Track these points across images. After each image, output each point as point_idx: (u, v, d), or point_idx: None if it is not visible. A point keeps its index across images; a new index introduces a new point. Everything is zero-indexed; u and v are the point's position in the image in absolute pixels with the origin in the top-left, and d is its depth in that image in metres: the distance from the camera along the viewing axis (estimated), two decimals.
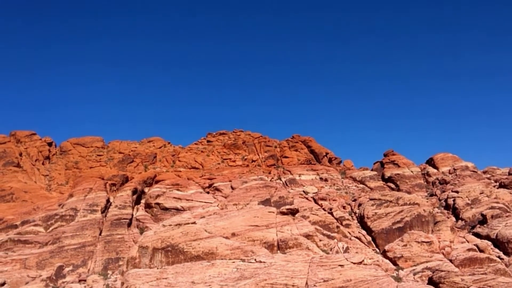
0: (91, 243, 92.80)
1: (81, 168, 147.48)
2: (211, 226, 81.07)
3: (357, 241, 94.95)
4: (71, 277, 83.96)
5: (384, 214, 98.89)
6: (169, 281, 67.15)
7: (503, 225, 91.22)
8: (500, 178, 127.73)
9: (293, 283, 63.79)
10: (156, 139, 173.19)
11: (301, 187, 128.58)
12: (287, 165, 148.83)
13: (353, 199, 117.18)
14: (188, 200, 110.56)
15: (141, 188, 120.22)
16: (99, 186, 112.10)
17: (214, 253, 73.12)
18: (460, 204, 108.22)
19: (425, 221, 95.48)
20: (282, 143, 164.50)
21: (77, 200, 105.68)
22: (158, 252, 74.53)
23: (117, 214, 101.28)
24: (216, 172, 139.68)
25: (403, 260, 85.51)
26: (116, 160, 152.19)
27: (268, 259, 70.36)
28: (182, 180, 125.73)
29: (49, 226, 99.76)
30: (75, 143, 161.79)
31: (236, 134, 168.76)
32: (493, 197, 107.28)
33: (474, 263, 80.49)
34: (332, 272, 64.32)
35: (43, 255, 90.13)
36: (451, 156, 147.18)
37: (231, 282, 65.56)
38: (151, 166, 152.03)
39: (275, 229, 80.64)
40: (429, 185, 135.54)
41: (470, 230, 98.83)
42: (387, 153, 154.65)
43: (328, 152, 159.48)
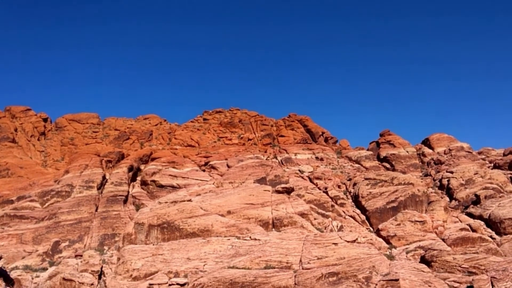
0: (87, 219, 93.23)
1: (76, 144, 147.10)
2: (206, 203, 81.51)
3: (351, 220, 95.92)
4: (68, 252, 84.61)
5: (378, 194, 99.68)
6: (165, 257, 67.86)
7: (496, 205, 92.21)
8: (495, 159, 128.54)
9: (287, 260, 64.63)
10: (152, 117, 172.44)
11: (297, 166, 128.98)
12: (283, 144, 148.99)
13: (348, 179, 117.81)
14: (184, 177, 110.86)
15: (137, 165, 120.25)
16: (95, 162, 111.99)
17: (209, 230, 73.76)
18: (454, 184, 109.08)
19: (419, 201, 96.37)
20: (279, 122, 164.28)
21: (73, 177, 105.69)
22: (154, 228, 75.05)
23: (113, 190, 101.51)
24: (212, 150, 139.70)
25: (396, 239, 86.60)
26: (112, 137, 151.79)
27: (263, 236, 71.05)
28: (178, 158, 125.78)
29: (45, 202, 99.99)
30: (71, 119, 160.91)
31: (233, 112, 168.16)
32: (487, 177, 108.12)
33: (467, 242, 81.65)
34: (326, 250, 65.14)
35: (39, 230, 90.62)
36: (446, 136, 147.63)
37: (226, 258, 66.33)
38: (147, 143, 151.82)
39: (270, 207, 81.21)
40: (424, 165, 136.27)
41: (464, 210, 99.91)
42: (383, 133, 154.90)
43: (324, 132, 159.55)
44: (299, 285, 60.33)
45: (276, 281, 60.34)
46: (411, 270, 64.65)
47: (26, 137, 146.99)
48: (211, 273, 61.99)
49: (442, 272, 71.56)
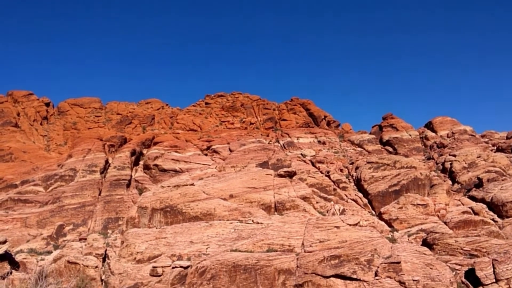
0: (90, 203, 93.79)
1: (79, 129, 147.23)
2: (209, 187, 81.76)
3: (353, 203, 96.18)
4: (72, 235, 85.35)
5: (381, 177, 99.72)
6: (168, 240, 68.37)
7: (498, 188, 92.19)
8: (498, 142, 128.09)
9: (289, 244, 65.02)
10: (154, 101, 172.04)
11: (299, 150, 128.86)
12: (286, 128, 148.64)
13: (351, 162, 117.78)
14: (186, 162, 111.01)
15: (140, 149, 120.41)
16: (97, 147, 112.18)
17: (212, 214, 74.13)
18: (457, 167, 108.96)
19: (422, 184, 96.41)
20: (281, 105, 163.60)
21: (76, 161, 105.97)
22: (157, 212, 75.48)
23: (116, 175, 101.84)
24: (214, 134, 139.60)
25: (398, 222, 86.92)
26: (114, 121, 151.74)
27: (265, 220, 71.41)
28: (180, 142, 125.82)
29: (49, 186, 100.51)
30: (73, 103, 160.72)
31: (235, 96, 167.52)
32: (490, 161, 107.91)
33: (469, 225, 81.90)
34: (328, 233, 65.46)
35: (43, 214, 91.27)
36: (449, 120, 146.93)
37: (229, 242, 66.79)
38: (149, 127, 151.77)
39: (273, 191, 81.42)
40: (427, 148, 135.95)
41: (466, 193, 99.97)
42: (386, 116, 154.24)
43: (326, 115, 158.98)
44: (301, 268, 60.82)
45: (278, 264, 60.83)
46: (413, 253, 64.99)
47: (28, 122, 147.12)
48: (214, 256, 62.49)
49: (444, 255, 71.97)
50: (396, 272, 58.74)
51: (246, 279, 59.92)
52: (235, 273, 60.18)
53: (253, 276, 60.20)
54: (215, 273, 60.64)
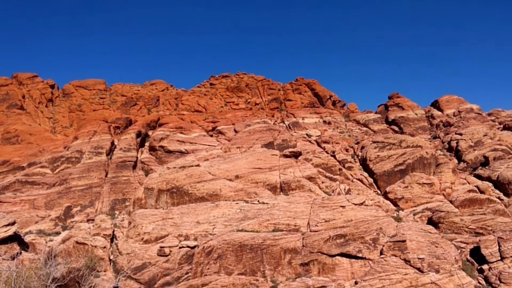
0: (97, 185, 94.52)
1: (84, 111, 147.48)
2: (214, 168, 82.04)
3: (358, 183, 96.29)
4: (80, 216, 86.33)
5: (386, 157, 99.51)
6: (175, 221, 69.01)
7: (504, 166, 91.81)
8: (504, 120, 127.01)
9: (295, 223, 65.46)
10: (158, 82, 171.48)
11: (304, 130, 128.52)
12: (291, 108, 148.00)
13: (356, 142, 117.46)
14: (191, 143, 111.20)
15: (145, 131, 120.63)
16: (103, 129, 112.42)
17: (218, 195, 74.58)
18: (463, 146, 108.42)
19: (427, 163, 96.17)
20: (286, 86, 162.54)
21: (82, 143, 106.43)
22: (163, 193, 76.00)
23: (122, 156, 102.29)
24: (219, 115, 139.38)
25: (403, 201, 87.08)
26: (119, 103, 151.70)
27: (271, 200, 71.78)
28: (185, 123, 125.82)
29: (56, 168, 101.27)
30: (78, 85, 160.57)
31: (239, 76, 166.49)
32: (497, 139, 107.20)
33: (474, 203, 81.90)
34: (334, 213, 65.76)
35: (51, 196, 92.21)
36: (456, 98, 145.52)
37: (235, 222, 67.34)
38: (154, 109, 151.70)
39: (278, 171, 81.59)
40: (433, 127, 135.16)
41: (472, 172, 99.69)
42: (392, 95, 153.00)
43: (332, 95, 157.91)
44: (306, 247, 61.35)
45: (284, 243, 61.39)
46: (418, 231, 65.25)
47: (34, 104, 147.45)
48: (221, 236, 63.10)
49: (449, 233, 72.25)
50: (401, 251, 59.14)
51: (252, 258, 60.60)
52: (241, 252, 60.85)
53: (259, 256, 60.87)
54: (222, 252, 61.36)
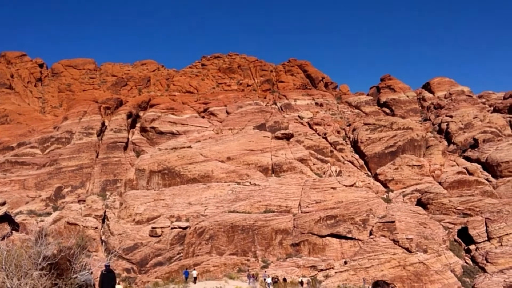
0: (88, 165, 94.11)
1: (74, 90, 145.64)
2: (206, 150, 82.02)
3: (350, 165, 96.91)
4: (70, 197, 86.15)
5: (377, 139, 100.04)
6: (167, 202, 69.20)
7: (494, 148, 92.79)
8: (495, 102, 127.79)
9: (286, 205, 66.00)
10: (149, 62, 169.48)
11: (296, 112, 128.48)
12: (283, 89, 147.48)
13: (348, 124, 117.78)
14: (183, 124, 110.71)
15: (136, 112, 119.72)
16: (93, 109, 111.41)
17: (209, 176, 74.74)
18: (453, 128, 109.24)
19: (418, 145, 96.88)
20: (278, 67, 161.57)
21: (72, 123, 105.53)
22: (155, 174, 75.97)
23: (113, 137, 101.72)
24: (211, 96, 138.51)
25: (393, 182, 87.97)
26: (109, 83, 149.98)
27: (262, 182, 72.15)
28: (177, 104, 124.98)
29: (46, 148, 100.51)
30: (67, 65, 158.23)
31: (231, 57, 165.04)
32: (486, 121, 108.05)
33: (463, 185, 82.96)
34: (325, 194, 66.35)
35: (41, 176, 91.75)
36: (447, 80, 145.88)
37: (227, 203, 67.71)
38: (145, 89, 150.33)
39: (270, 153, 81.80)
40: (424, 109, 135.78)
41: (461, 153, 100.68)
42: (384, 77, 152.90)
43: (324, 77, 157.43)
44: (297, 228, 62.03)
45: (275, 224, 61.99)
46: (407, 212, 66.17)
47: (22, 83, 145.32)
48: (212, 217, 63.50)
49: (438, 214, 73.37)
50: (390, 231, 60.02)
51: (244, 239, 61.18)
52: (233, 233, 61.37)
53: (250, 236, 61.47)
54: (214, 233, 61.84)
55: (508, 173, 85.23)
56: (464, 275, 59.40)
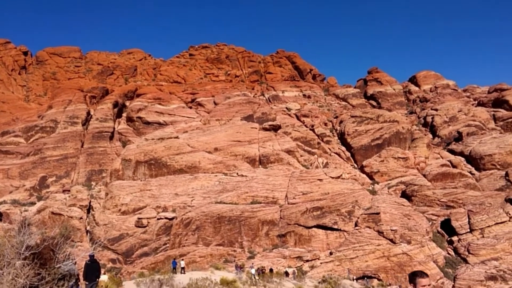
0: (73, 155, 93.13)
1: (59, 79, 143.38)
2: (194, 141, 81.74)
3: (336, 156, 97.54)
4: (55, 187, 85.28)
5: (364, 131, 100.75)
6: (153, 192, 68.91)
7: (477, 142, 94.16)
8: (479, 96, 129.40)
9: (273, 196, 66.25)
10: (136, 51, 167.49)
11: (284, 103, 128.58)
12: (271, 81, 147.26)
13: (335, 116, 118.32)
14: (170, 114, 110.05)
15: (122, 101, 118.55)
16: (78, 98, 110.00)
17: (197, 167, 74.58)
18: (438, 121, 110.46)
19: (403, 138, 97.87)
20: (266, 58, 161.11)
21: (57, 112, 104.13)
22: (141, 165, 75.53)
23: (99, 127, 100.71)
24: (199, 87, 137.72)
25: (379, 174, 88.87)
26: (95, 72, 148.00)
27: (249, 173, 72.26)
28: (164, 94, 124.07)
29: (30, 138, 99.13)
30: (52, 52, 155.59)
31: (219, 48, 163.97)
32: (471, 115, 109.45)
33: (446, 178, 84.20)
34: (311, 186, 66.76)
35: (25, 166, 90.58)
36: (433, 74, 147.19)
37: (214, 194, 67.70)
38: (131, 79, 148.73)
39: (257, 144, 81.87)
40: (410, 102, 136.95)
41: (446, 146, 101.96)
42: (371, 70, 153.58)
43: (312, 69, 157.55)
44: (284, 219, 62.38)
45: (262, 215, 62.25)
46: (392, 204, 67.03)
47: (6, 71, 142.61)
48: (199, 208, 63.47)
49: (422, 206, 74.41)
50: (375, 223, 60.75)
51: (230, 229, 61.35)
52: (219, 224, 61.47)
53: (237, 227, 61.67)
54: (200, 224, 61.87)
55: (491, 166, 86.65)
56: (446, 266, 60.50)
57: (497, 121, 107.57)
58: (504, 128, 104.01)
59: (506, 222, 63.90)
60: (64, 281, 11.02)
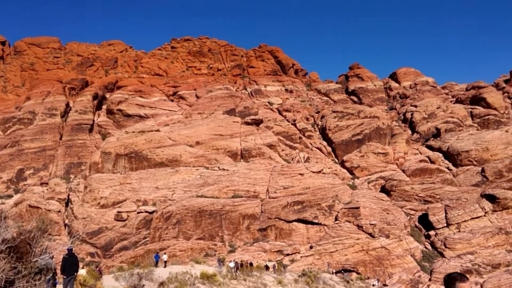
0: (51, 147, 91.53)
1: (37, 70, 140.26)
2: (175, 134, 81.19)
3: (317, 151, 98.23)
4: (33, 180, 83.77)
5: (345, 126, 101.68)
6: (133, 186, 68.30)
7: (455, 138, 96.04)
8: (457, 93, 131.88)
9: (254, 190, 66.41)
10: (116, 43, 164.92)
11: (266, 98, 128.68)
12: (253, 75, 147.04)
13: (317, 111, 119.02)
14: (151, 107, 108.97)
15: (102, 93, 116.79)
16: (57, 89, 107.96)
17: (178, 160, 74.15)
18: (417, 118, 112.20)
19: (383, 134, 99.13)
20: (249, 52, 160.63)
21: (35, 104, 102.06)
22: (121, 158, 74.70)
23: (78, 119, 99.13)
24: (181, 80, 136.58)
25: (359, 169, 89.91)
26: (75, 63, 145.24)
27: (231, 167, 72.23)
28: (145, 87, 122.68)
29: (7, 129, 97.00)
30: (30, 43, 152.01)
31: (202, 41, 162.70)
32: (449, 111, 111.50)
33: (425, 173, 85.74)
34: (292, 180, 67.13)
35: (2, 158, 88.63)
36: (413, 71, 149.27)
37: (195, 188, 67.48)
38: (112, 71, 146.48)
39: (239, 138, 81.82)
40: (390, 99, 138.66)
41: (424, 142, 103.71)
42: (353, 66, 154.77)
43: (294, 63, 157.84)
44: (265, 213, 62.65)
45: (243, 209, 62.37)
46: (371, 198, 67.94)
47: None
48: (180, 201, 63.21)
49: (400, 201, 75.65)
50: (355, 217, 61.53)
51: (211, 223, 61.30)
52: (200, 218, 61.36)
53: (218, 221, 61.65)
54: (181, 218, 61.64)
55: (468, 162, 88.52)
56: (424, 259, 61.76)
57: (474, 118, 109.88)
58: (481, 125, 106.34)
59: (482, 217, 65.55)
60: (41, 275, 10.87)
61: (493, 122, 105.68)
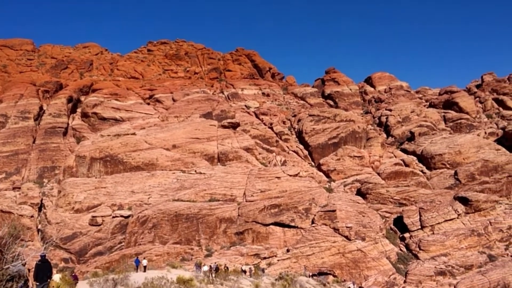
0: (24, 151, 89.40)
1: (10, 72, 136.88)
2: (151, 137, 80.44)
3: (294, 155, 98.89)
4: (4, 184, 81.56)
5: (321, 130, 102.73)
6: (108, 190, 67.30)
7: (428, 142, 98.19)
8: (431, 98, 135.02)
9: (231, 193, 66.33)
10: (92, 45, 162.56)
11: (243, 101, 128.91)
12: (230, 78, 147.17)
13: (293, 115, 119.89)
14: (127, 110, 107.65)
15: (77, 96, 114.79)
16: (30, 92, 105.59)
17: (154, 164, 73.47)
18: (392, 121, 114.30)
19: (359, 137, 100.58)
20: (226, 56, 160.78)
21: (7, 106, 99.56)
22: (96, 161, 73.55)
23: (52, 122, 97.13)
24: (157, 83, 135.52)
25: (335, 173, 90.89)
26: (49, 66, 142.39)
27: (208, 170, 71.99)
28: (121, 90, 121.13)
29: None
30: (2, 45, 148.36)
31: (179, 44, 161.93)
32: (423, 116, 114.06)
33: (399, 176, 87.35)
34: (269, 184, 67.35)
35: None
36: (388, 75, 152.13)
37: (171, 191, 66.95)
38: (87, 73, 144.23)
39: (216, 142, 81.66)
40: (365, 103, 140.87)
41: (399, 146, 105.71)
42: (329, 70, 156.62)
43: (271, 67, 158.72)
44: (242, 217, 62.64)
45: (220, 213, 62.21)
46: (347, 201, 68.76)
47: None
48: (156, 205, 62.61)
49: (376, 204, 76.79)
50: (331, 220, 62.13)
51: (188, 227, 60.91)
52: (177, 222, 60.89)
53: (195, 225, 61.29)
54: (157, 222, 61.04)
55: (441, 165, 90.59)
56: (399, 261, 62.83)
57: (447, 122, 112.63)
58: (454, 128, 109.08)
59: (455, 219, 67.17)
60: (13, 283, 10.67)
61: (466, 126, 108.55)
